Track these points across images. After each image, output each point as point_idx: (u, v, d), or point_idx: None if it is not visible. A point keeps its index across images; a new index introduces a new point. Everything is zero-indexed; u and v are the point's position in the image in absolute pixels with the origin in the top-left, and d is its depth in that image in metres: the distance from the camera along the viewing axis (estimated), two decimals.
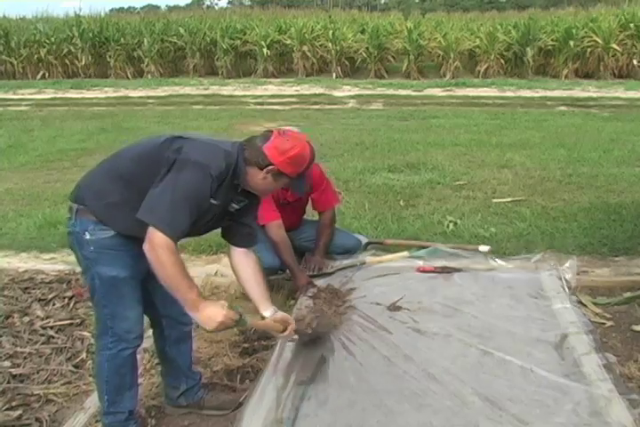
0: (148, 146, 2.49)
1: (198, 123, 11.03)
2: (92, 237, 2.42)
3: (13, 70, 19.96)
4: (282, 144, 2.44)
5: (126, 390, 2.66)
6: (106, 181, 2.46)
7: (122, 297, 2.50)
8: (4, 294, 4.06)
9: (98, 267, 2.45)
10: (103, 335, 2.56)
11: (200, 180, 2.31)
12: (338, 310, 3.59)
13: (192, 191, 2.30)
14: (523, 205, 5.78)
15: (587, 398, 2.74)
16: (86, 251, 2.45)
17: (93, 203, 2.43)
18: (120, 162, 2.50)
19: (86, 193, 2.46)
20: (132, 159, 2.47)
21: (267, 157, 2.43)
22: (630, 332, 3.52)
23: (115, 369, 2.59)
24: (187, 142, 2.41)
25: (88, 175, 2.56)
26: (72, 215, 2.46)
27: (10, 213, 5.96)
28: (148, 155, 2.43)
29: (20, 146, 9.43)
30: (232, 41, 19.16)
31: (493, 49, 17.64)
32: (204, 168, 2.32)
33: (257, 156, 2.44)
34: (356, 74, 19.16)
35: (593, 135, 9.20)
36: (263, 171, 2.45)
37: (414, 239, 4.86)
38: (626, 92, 14.75)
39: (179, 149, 2.36)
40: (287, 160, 2.44)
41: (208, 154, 2.38)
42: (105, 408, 2.64)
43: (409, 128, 10.13)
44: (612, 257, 4.60)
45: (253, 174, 2.47)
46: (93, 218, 2.42)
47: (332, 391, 2.85)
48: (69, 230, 2.49)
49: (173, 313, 2.72)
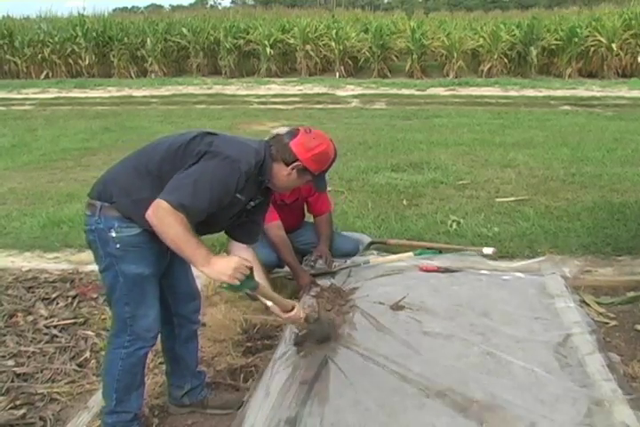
0: (178, 141, 2.48)
1: (201, 122, 11.03)
2: (118, 234, 2.41)
3: (17, 70, 20.01)
4: (308, 141, 2.53)
5: (134, 390, 2.66)
6: (134, 178, 2.45)
7: (144, 295, 2.51)
8: (8, 294, 4.07)
9: (123, 264, 2.44)
10: (121, 333, 2.54)
11: (228, 172, 2.34)
12: (341, 310, 3.59)
13: (218, 181, 2.32)
14: (526, 204, 5.78)
15: (590, 398, 2.74)
16: (111, 248, 2.43)
17: (120, 199, 2.41)
18: (148, 158, 2.48)
19: (113, 189, 2.44)
20: (161, 155, 2.46)
21: (294, 153, 2.51)
22: (634, 331, 3.51)
23: (128, 368, 2.59)
24: (217, 138, 2.46)
25: (111, 173, 2.54)
26: (95, 212, 2.43)
27: (14, 213, 5.97)
28: (179, 149, 2.43)
29: (24, 145, 9.45)
30: (235, 40, 19.16)
31: (497, 48, 17.61)
32: (235, 162, 2.36)
33: (284, 152, 2.51)
34: (359, 73, 19.15)
35: (596, 134, 9.18)
36: (289, 167, 2.52)
37: (417, 239, 4.86)
38: (629, 91, 14.72)
39: (210, 143, 2.40)
40: (313, 157, 2.52)
41: (239, 150, 2.43)
42: (112, 407, 2.62)
43: (412, 127, 10.13)
44: (615, 257, 4.59)
45: (279, 170, 2.53)
46: (118, 215, 2.41)
47: (335, 391, 2.85)
48: (91, 228, 2.45)
49: (185, 311, 2.76)
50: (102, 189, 2.47)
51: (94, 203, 2.45)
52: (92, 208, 2.46)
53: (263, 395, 2.84)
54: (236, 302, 3.97)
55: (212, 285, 4.15)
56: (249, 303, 3.91)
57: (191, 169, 2.34)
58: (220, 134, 2.52)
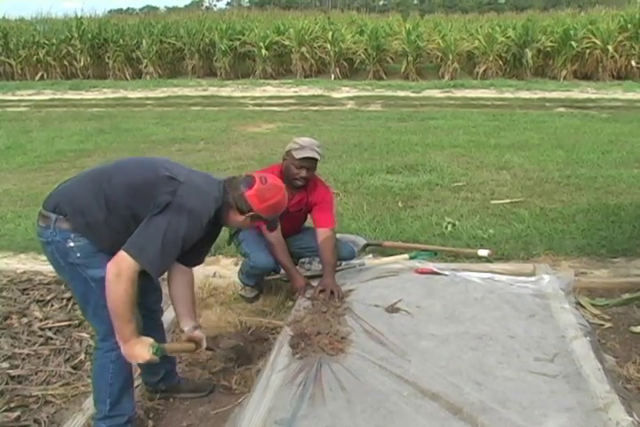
0: (143, 177, 2.53)
1: (197, 124, 11.04)
2: (76, 243, 2.47)
3: (12, 71, 19.97)
4: (263, 193, 2.61)
5: (126, 392, 2.68)
6: (91, 201, 2.49)
7: None
8: (3, 296, 4.06)
9: (90, 270, 2.49)
10: (107, 337, 2.56)
11: (192, 225, 2.46)
12: (336, 312, 3.59)
13: (183, 235, 2.44)
14: (521, 206, 5.78)
15: (585, 400, 2.74)
16: (73, 258, 2.48)
17: (74, 218, 2.47)
18: (110, 186, 2.51)
19: (67, 207, 2.48)
20: (124, 188, 2.50)
21: (249, 203, 2.60)
22: (629, 333, 3.52)
23: (119, 370, 2.61)
24: (181, 186, 2.50)
25: (67, 190, 2.57)
26: (50, 225, 2.47)
27: (8, 215, 5.95)
28: (142, 189, 2.48)
29: (19, 147, 9.43)
30: (231, 42, 19.15)
31: (492, 50, 17.64)
32: (197, 216, 2.48)
33: (239, 201, 2.61)
34: (354, 75, 19.16)
35: (591, 136, 9.21)
36: (244, 215, 2.64)
37: (413, 241, 4.87)
38: (624, 93, 14.76)
39: (173, 192, 2.46)
40: (267, 208, 2.64)
41: (201, 201, 2.52)
42: (106, 412, 2.63)
43: (407, 129, 10.14)
44: (610, 258, 4.60)
45: (233, 216, 2.66)
46: (72, 228, 2.46)
47: (330, 393, 2.85)
48: (47, 240, 2.50)
49: (148, 303, 2.81)
50: (57, 203, 2.50)
51: (49, 215, 2.49)
52: (46, 220, 2.49)
53: (258, 397, 2.83)
54: (230, 304, 3.98)
55: (206, 287, 4.15)
56: (244, 305, 3.91)
57: (159, 221, 2.41)
58: (182, 180, 2.52)
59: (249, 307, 3.93)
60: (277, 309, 3.92)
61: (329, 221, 4.00)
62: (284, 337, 3.34)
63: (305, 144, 3.79)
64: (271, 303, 3.97)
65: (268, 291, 4.14)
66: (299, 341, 3.23)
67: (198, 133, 10.12)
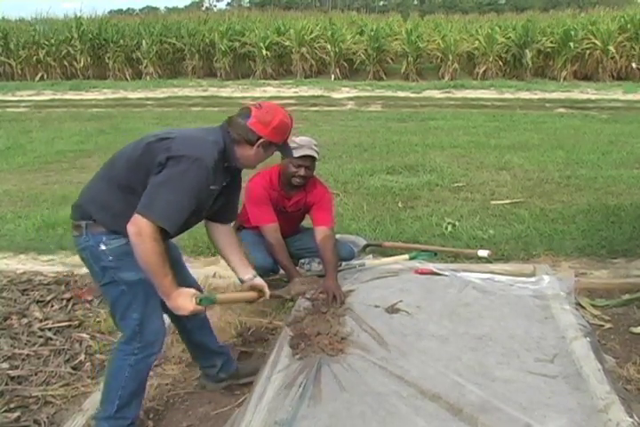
0: (136, 150, 2.54)
1: (196, 124, 11.01)
2: (107, 246, 2.50)
3: (12, 72, 19.97)
4: (264, 117, 2.60)
5: (136, 398, 2.69)
6: (107, 193, 2.54)
7: (148, 299, 2.58)
8: (3, 296, 4.06)
9: (122, 273, 2.52)
10: (131, 341, 2.60)
11: (196, 172, 2.41)
12: (336, 312, 3.58)
13: (190, 185, 2.40)
14: (521, 206, 5.79)
15: (585, 401, 2.74)
16: (105, 262, 2.51)
17: (101, 216, 2.51)
18: (116, 172, 2.56)
19: (91, 208, 2.53)
20: (125, 167, 2.53)
21: (254, 131, 2.59)
22: (629, 334, 3.53)
23: (135, 375, 2.63)
24: (174, 141, 2.49)
25: (85, 193, 2.62)
26: (82, 232, 2.52)
27: (8, 215, 5.95)
28: (139, 160, 2.50)
29: (19, 147, 9.43)
30: (231, 42, 19.15)
31: (492, 51, 17.65)
32: (199, 161, 2.42)
33: (245, 133, 2.59)
34: (354, 75, 19.16)
35: (591, 137, 9.21)
36: (254, 146, 2.61)
37: (413, 241, 4.86)
38: (624, 94, 14.76)
39: (168, 149, 2.44)
40: (273, 130, 2.61)
41: (198, 148, 2.48)
42: (111, 413, 2.63)
43: (407, 130, 10.14)
44: (610, 259, 4.60)
45: (244, 151, 2.62)
46: (104, 230, 2.50)
47: (330, 394, 2.85)
48: (82, 247, 2.54)
49: None
50: (82, 210, 2.55)
51: (79, 223, 2.54)
52: (78, 229, 2.55)
53: (258, 398, 2.83)
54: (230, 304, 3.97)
55: (206, 287, 4.15)
56: (244, 306, 3.90)
57: (161, 177, 2.40)
58: (174, 136, 2.53)
59: (249, 307, 3.92)
60: (277, 309, 3.92)
61: (327, 220, 3.98)
62: (284, 338, 3.33)
63: (303, 143, 3.79)
64: (271, 304, 3.96)
65: None
66: (299, 341, 3.23)
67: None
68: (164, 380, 3.19)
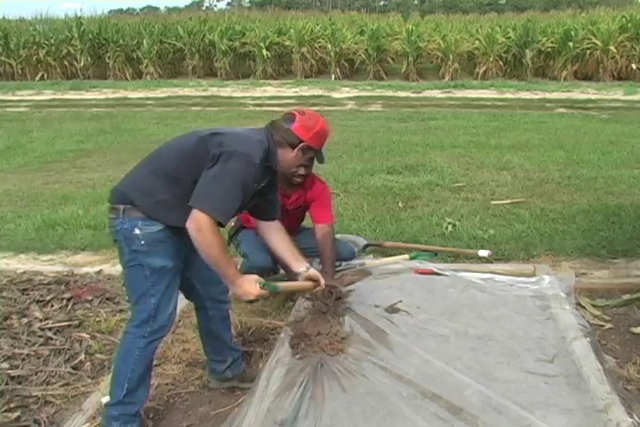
0: (188, 143, 2.69)
1: (197, 124, 11.02)
2: (142, 231, 2.59)
3: (12, 71, 19.99)
4: (307, 122, 2.85)
5: (143, 382, 2.74)
6: (153, 181, 2.64)
7: (168, 287, 2.68)
8: (3, 296, 4.05)
9: (149, 258, 2.61)
10: (144, 325, 2.66)
11: (245, 168, 2.57)
12: (336, 312, 3.58)
13: (240, 180, 2.56)
14: (521, 206, 5.78)
15: (586, 401, 2.73)
16: (137, 245, 2.60)
17: (142, 202, 2.60)
18: (165, 162, 2.68)
19: (133, 193, 2.62)
20: (175, 157, 2.67)
21: (297, 135, 2.81)
22: (629, 334, 3.52)
23: (143, 357, 2.69)
24: (225, 137, 2.64)
25: (128, 179, 2.72)
26: (119, 214, 2.61)
27: (8, 215, 5.95)
28: (191, 151, 2.64)
29: (19, 147, 9.43)
30: (231, 42, 19.17)
31: (492, 51, 17.66)
32: (248, 157, 2.58)
33: (288, 136, 2.81)
34: (355, 75, 19.17)
35: (592, 137, 9.21)
36: (295, 149, 2.82)
37: (413, 241, 4.86)
38: (625, 94, 14.76)
39: (220, 144, 2.59)
40: (314, 135, 2.85)
41: (248, 144, 2.64)
42: (120, 397, 2.66)
43: (408, 130, 10.14)
44: (610, 259, 4.60)
45: (285, 153, 2.82)
46: (141, 215, 2.59)
47: (330, 394, 2.85)
48: (117, 229, 2.63)
49: (214, 294, 2.95)
50: (123, 195, 2.64)
51: (117, 207, 2.63)
52: (115, 211, 2.64)
53: (258, 397, 2.83)
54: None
55: None
56: (244, 306, 3.90)
57: (213, 172, 2.53)
58: (225, 132, 2.69)
59: (249, 307, 3.92)
60: (277, 309, 3.91)
61: (327, 217, 4.02)
62: (285, 337, 3.33)
63: None
64: (271, 304, 3.96)
65: None
66: (299, 341, 3.22)
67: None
68: (164, 380, 3.19)
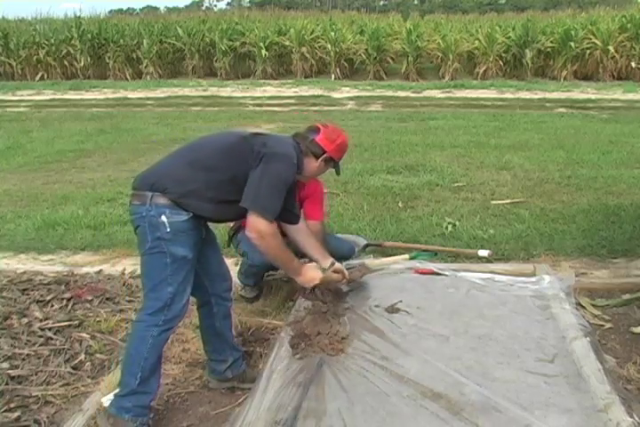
0: (231, 140, 2.88)
1: (197, 124, 11.04)
2: (169, 219, 2.65)
3: (12, 71, 20.00)
4: (330, 135, 3.04)
5: (155, 371, 2.75)
6: (188, 171, 2.74)
7: (185, 276, 2.73)
8: (3, 296, 4.05)
9: (173, 247, 2.66)
10: (158, 313, 2.69)
11: (288, 168, 2.77)
12: (336, 312, 3.58)
13: (284, 179, 2.75)
14: (521, 206, 5.78)
15: (585, 401, 2.73)
16: (162, 233, 2.65)
17: (175, 189, 2.68)
18: (204, 155, 2.80)
19: (165, 181, 2.69)
20: (218, 152, 2.80)
21: (321, 146, 3.01)
22: (629, 334, 3.52)
23: (157, 346, 2.71)
24: (268, 138, 2.85)
25: (161, 168, 2.82)
26: (146, 202, 2.66)
27: (8, 215, 5.95)
28: (235, 148, 2.80)
29: (19, 147, 9.43)
30: (231, 42, 19.18)
31: (492, 51, 17.67)
32: (289, 158, 2.79)
33: (313, 147, 3.00)
34: (354, 75, 19.18)
35: (592, 137, 9.21)
36: (319, 159, 3.02)
37: (413, 241, 4.86)
38: (625, 93, 14.76)
39: (264, 144, 2.77)
40: (336, 148, 3.05)
41: (288, 147, 2.85)
42: (133, 387, 2.67)
43: (408, 130, 10.14)
44: (610, 259, 4.60)
45: (309, 163, 3.02)
46: (169, 203, 2.66)
47: (331, 394, 2.85)
48: (142, 215, 2.67)
49: (219, 291, 3.02)
50: (154, 182, 2.70)
51: (144, 193, 2.69)
52: (141, 198, 2.70)
53: (258, 397, 2.83)
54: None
55: None
56: (244, 306, 3.91)
57: (259, 173, 2.69)
58: (267, 133, 2.94)
59: (249, 307, 3.92)
60: (277, 309, 3.91)
61: (318, 214, 4.00)
62: (285, 337, 3.33)
63: None
64: (271, 303, 3.96)
65: (268, 291, 4.14)
66: (299, 341, 3.23)
67: (199, 134, 10.02)
68: (164, 380, 3.17)
